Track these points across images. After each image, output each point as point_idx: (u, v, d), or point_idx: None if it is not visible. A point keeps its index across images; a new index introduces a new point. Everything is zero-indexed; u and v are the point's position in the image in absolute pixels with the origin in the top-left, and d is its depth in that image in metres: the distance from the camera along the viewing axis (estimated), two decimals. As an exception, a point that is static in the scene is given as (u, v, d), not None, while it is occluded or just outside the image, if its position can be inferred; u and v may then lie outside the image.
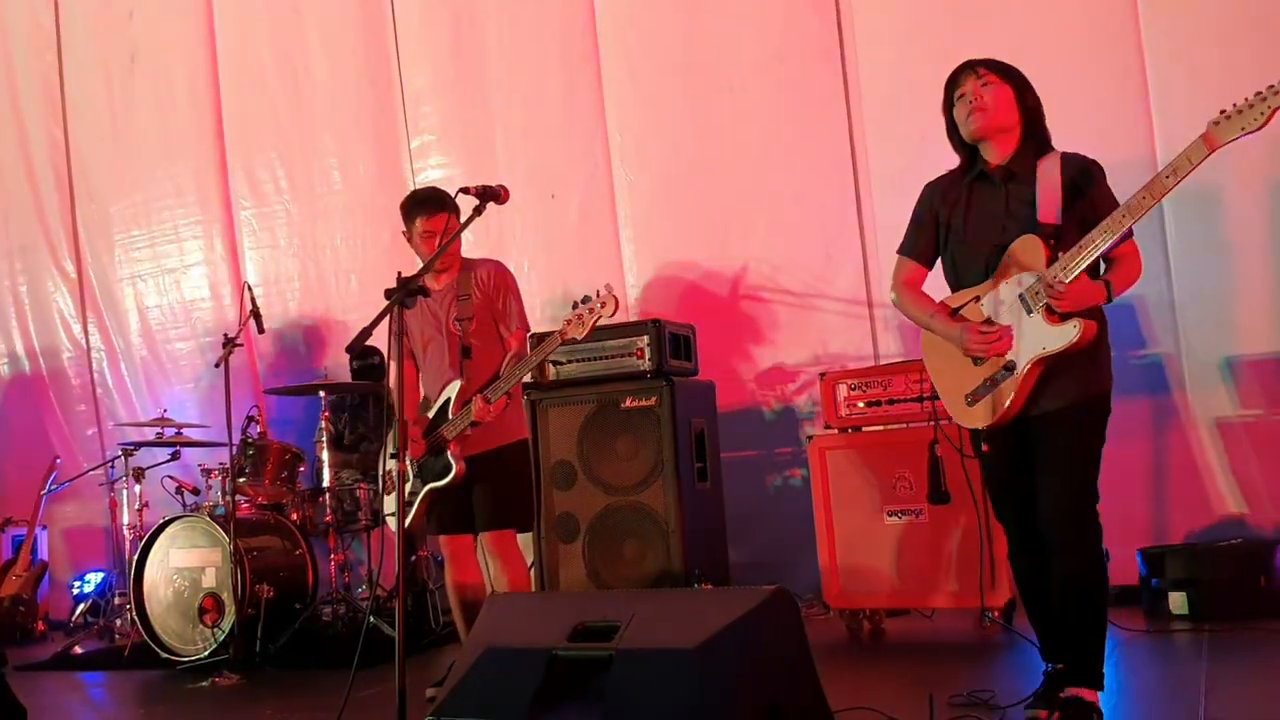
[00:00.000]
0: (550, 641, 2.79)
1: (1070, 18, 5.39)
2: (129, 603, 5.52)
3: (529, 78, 6.64)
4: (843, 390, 4.92)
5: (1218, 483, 5.13)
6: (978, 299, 3.14)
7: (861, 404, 4.88)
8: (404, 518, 3.21)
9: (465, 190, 3.67)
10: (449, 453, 4.00)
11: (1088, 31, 5.35)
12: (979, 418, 3.12)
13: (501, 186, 3.67)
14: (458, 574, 4.18)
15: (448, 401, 4.06)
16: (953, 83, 3.22)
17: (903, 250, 3.38)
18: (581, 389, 5.21)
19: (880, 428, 4.85)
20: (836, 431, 4.94)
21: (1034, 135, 3.17)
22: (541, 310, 6.47)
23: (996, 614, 4.59)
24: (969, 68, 3.19)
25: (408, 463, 4.16)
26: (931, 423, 4.60)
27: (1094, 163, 3.14)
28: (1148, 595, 4.66)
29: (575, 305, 3.90)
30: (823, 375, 5.01)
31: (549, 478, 5.20)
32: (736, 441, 6.05)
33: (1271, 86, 2.67)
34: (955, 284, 3.27)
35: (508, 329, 4.17)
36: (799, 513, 5.18)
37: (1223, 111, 2.74)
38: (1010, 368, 3.04)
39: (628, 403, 5.08)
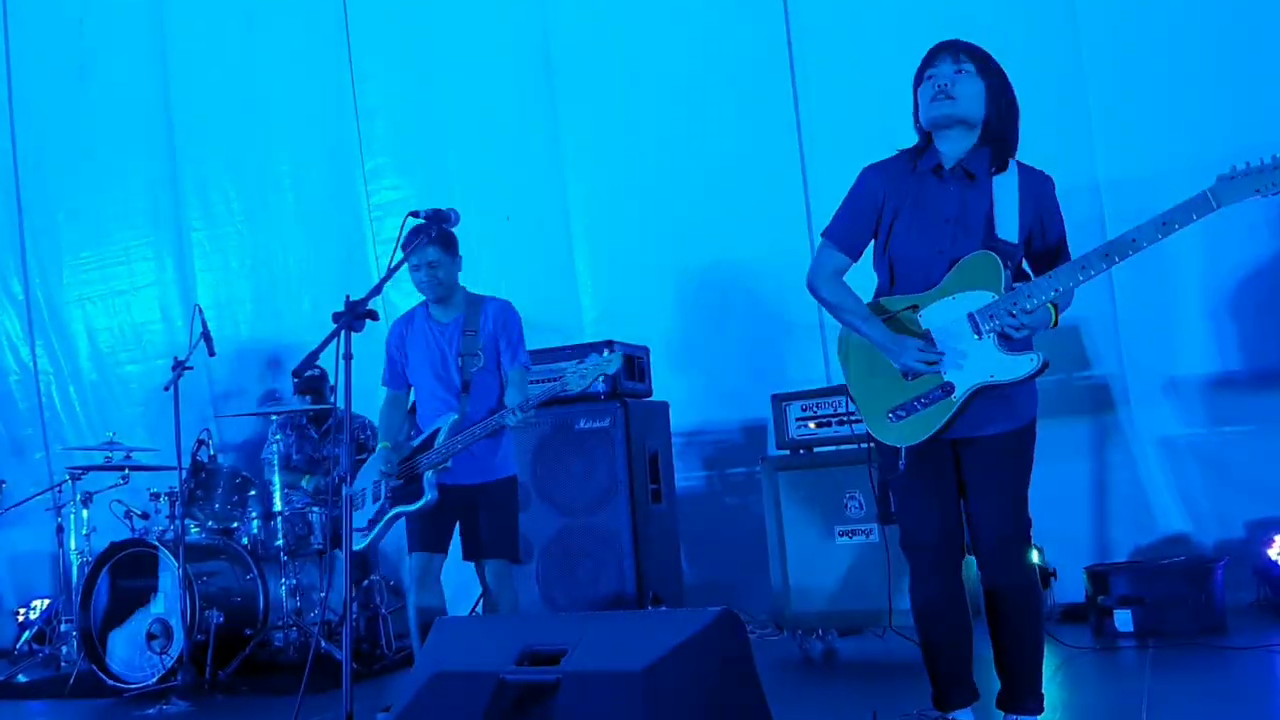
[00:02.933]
0: (497, 665, 2.79)
1: (1012, 33, 5.47)
2: (75, 630, 5.44)
3: (483, 99, 6.66)
4: (794, 411, 4.96)
5: (1162, 500, 5.22)
6: (916, 308, 2.89)
7: (812, 424, 4.92)
8: (349, 542, 3.19)
9: (415, 214, 3.68)
10: (423, 479, 3.97)
11: (1029, 45, 5.44)
12: (900, 436, 2.90)
13: (452, 210, 3.69)
14: (423, 597, 4.06)
15: (435, 431, 4.01)
16: (928, 60, 2.94)
17: (832, 236, 3.05)
18: (535, 410, 5.20)
19: (831, 448, 4.89)
20: (788, 452, 4.98)
21: (997, 139, 2.91)
22: (496, 332, 6.46)
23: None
24: (950, 48, 2.92)
25: (375, 486, 4.15)
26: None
27: (1049, 179, 2.97)
28: (1094, 613, 4.72)
29: (581, 359, 3.92)
30: (774, 396, 5.04)
31: (502, 500, 5.19)
32: (691, 462, 6.09)
33: None
34: (889, 285, 3.01)
35: (510, 365, 4.14)
36: (753, 533, 5.21)
37: (1234, 167, 2.55)
38: (948, 390, 2.83)
39: (582, 424, 5.09)
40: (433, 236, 3.93)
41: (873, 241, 3.06)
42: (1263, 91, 5.07)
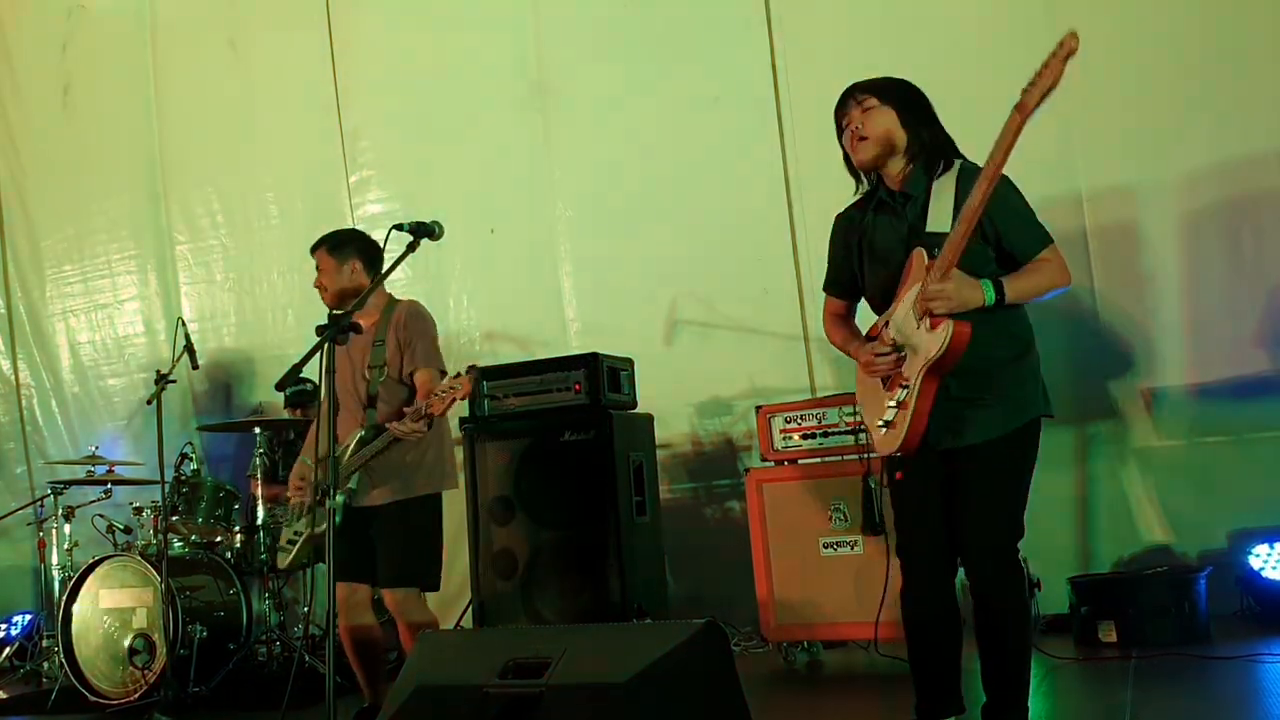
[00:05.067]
0: (481, 679, 2.78)
1: (992, 49, 5.52)
2: (57, 645, 5.40)
3: (469, 113, 6.67)
4: (778, 423, 4.96)
5: (1144, 511, 5.24)
6: (887, 323, 3.01)
7: (797, 436, 4.93)
8: (332, 555, 3.19)
9: (399, 227, 3.68)
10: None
11: (1009, 60, 5.46)
12: (890, 442, 2.95)
13: (435, 222, 3.67)
14: (347, 618, 3.99)
15: (345, 449, 3.95)
16: (839, 112, 3.11)
17: (825, 286, 3.34)
18: (519, 423, 5.21)
19: (816, 460, 4.89)
20: (772, 464, 4.98)
21: (927, 152, 3.02)
22: (482, 344, 6.47)
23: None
24: (849, 94, 3.09)
25: (299, 505, 4.12)
26: (864, 455, 4.68)
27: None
28: (1077, 623, 4.73)
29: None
30: (758, 408, 5.05)
31: (487, 513, 5.18)
32: (676, 474, 6.09)
33: (1061, 43, 2.67)
34: (878, 314, 3.15)
35: (413, 366, 4.05)
36: (738, 545, 5.20)
37: (1031, 82, 2.70)
38: (907, 385, 2.89)
39: (566, 436, 5.08)
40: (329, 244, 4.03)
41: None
42: (1242, 100, 5.11)
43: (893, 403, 2.92)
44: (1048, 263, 2.93)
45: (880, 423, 2.96)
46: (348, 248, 4.16)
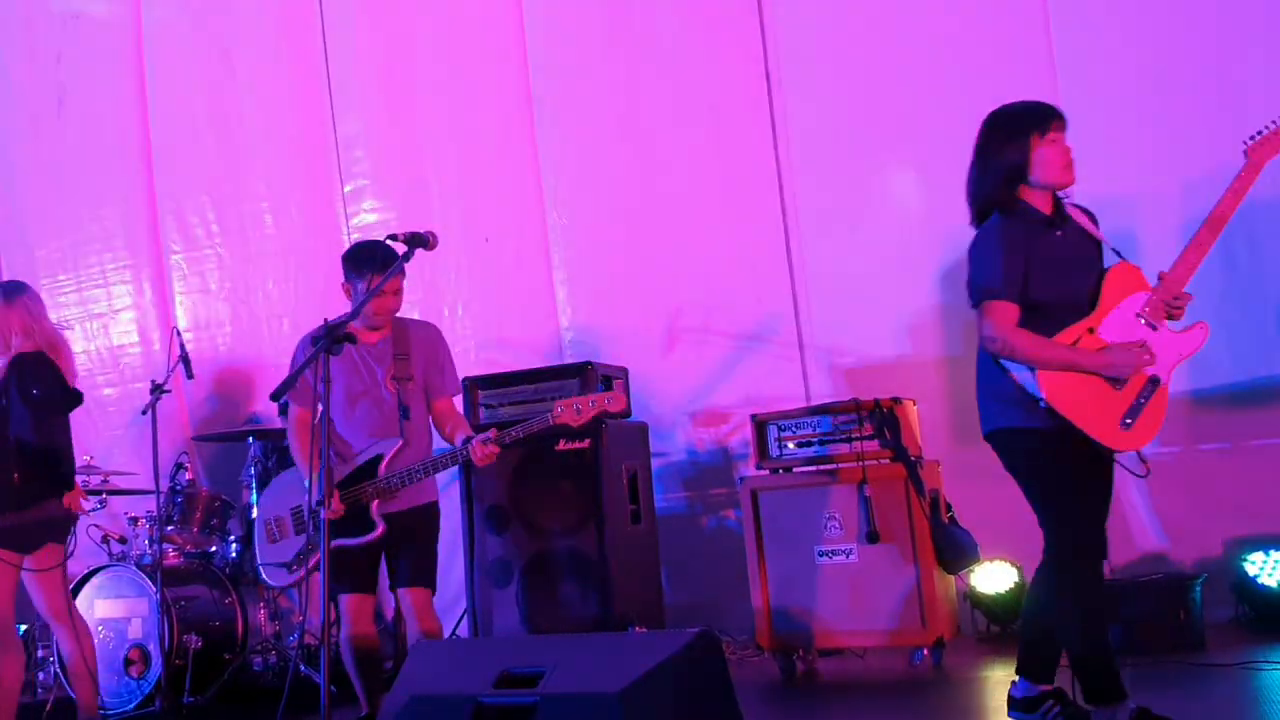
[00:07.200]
0: (475, 689, 2.78)
1: (988, 57, 5.53)
2: (52, 655, 5.39)
3: (463, 122, 6.68)
4: (773, 431, 4.96)
5: (1140, 519, 5.24)
6: (1091, 330, 3.17)
7: (792, 445, 4.93)
8: (327, 564, 3.19)
9: (393, 237, 3.68)
10: (370, 511, 3.88)
11: (1005, 68, 5.49)
12: (1139, 438, 3.21)
13: (430, 232, 3.68)
14: (356, 628, 3.96)
15: (376, 459, 3.92)
16: (1044, 120, 3.20)
17: (1000, 293, 3.16)
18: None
19: (812, 468, 4.90)
20: (768, 472, 4.98)
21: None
22: (476, 353, 6.46)
23: (927, 653, 4.64)
24: (1059, 115, 3.23)
25: (295, 516, 4.11)
26: (860, 463, 4.69)
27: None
28: (1073, 631, 4.73)
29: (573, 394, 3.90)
30: (753, 416, 5.05)
31: (482, 522, 5.18)
32: (671, 483, 6.09)
33: None
34: (1044, 327, 3.17)
35: (443, 392, 4.10)
36: (734, 553, 5.21)
37: (1259, 132, 3.14)
38: (1156, 382, 3.18)
39: (561, 446, 5.08)
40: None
41: None
42: (1240, 109, 5.11)
43: (1140, 399, 3.17)
44: None
45: (1126, 420, 3.16)
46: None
